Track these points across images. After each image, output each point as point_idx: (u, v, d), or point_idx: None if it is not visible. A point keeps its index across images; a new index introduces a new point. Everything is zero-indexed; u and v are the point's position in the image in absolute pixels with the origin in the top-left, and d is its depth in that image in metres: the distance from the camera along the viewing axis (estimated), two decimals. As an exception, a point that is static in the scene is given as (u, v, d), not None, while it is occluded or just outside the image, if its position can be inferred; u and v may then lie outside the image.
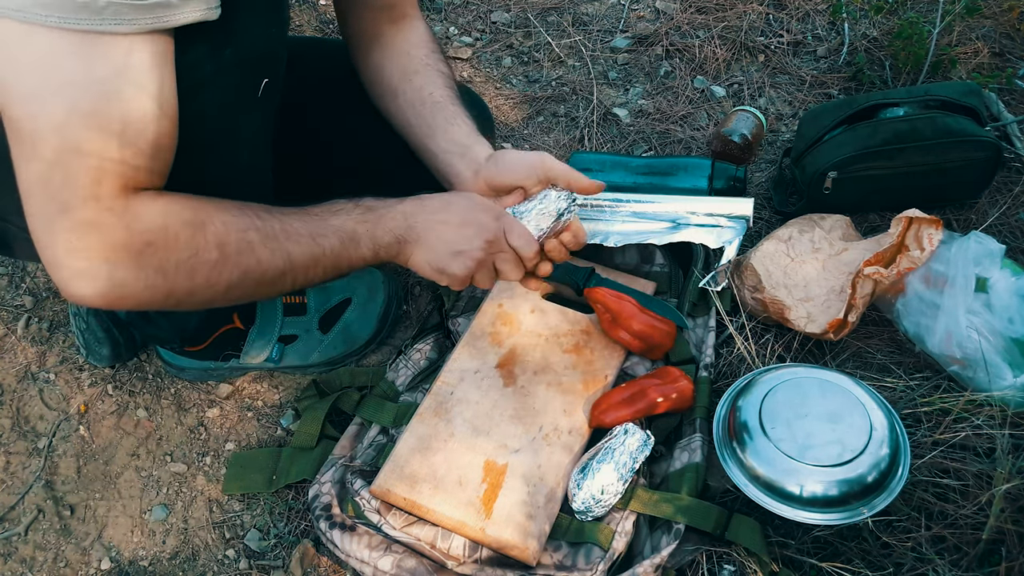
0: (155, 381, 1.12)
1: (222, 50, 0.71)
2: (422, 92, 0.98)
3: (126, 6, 0.60)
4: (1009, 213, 1.20)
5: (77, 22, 0.59)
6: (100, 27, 0.60)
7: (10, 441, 1.07)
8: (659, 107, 1.48)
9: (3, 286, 1.25)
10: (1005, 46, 1.53)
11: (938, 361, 1.00)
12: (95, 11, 0.59)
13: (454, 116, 0.96)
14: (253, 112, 0.80)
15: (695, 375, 0.98)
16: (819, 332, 1.01)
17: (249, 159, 0.85)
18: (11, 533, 0.98)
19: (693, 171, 1.24)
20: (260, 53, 0.77)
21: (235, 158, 0.82)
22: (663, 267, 1.12)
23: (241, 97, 0.78)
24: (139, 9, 0.61)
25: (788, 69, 1.54)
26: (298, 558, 0.92)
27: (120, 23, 0.60)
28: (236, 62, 0.73)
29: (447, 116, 0.96)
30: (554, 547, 0.85)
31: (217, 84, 0.73)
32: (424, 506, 0.86)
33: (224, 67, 0.72)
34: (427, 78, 0.99)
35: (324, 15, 1.74)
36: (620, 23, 1.68)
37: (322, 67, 1.12)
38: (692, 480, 0.87)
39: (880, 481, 0.83)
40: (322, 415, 1.00)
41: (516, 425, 0.93)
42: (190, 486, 1.02)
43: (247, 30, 0.73)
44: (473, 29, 1.71)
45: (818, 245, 1.10)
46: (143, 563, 0.96)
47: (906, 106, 1.17)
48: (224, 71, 0.73)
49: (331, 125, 1.10)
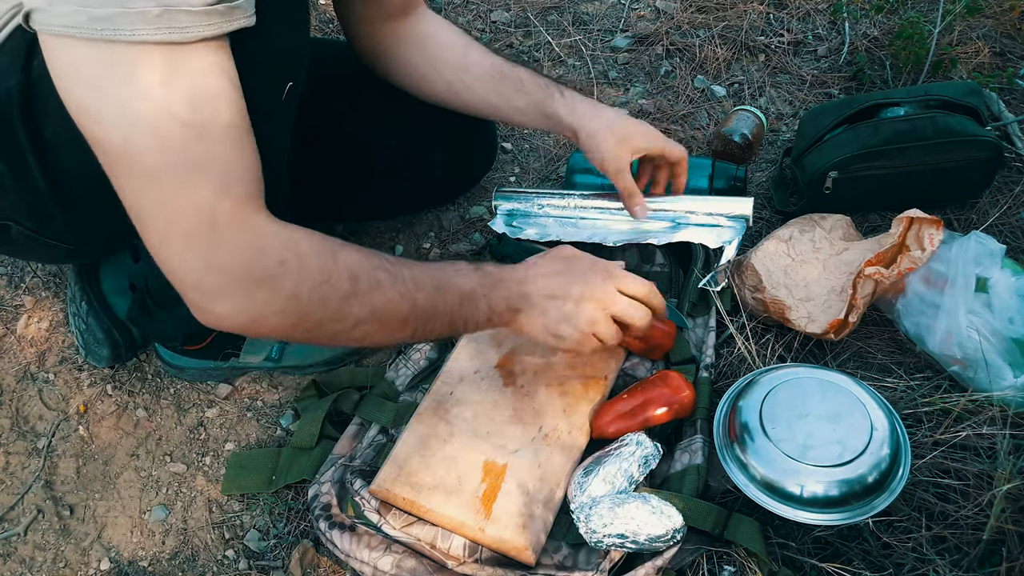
0: (155, 381, 1.12)
1: (253, 54, 0.70)
2: (483, 64, 1.02)
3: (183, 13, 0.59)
4: (1010, 213, 1.20)
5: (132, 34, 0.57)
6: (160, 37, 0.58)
7: (9, 441, 1.07)
8: (659, 107, 1.48)
9: (3, 286, 1.25)
10: (1006, 46, 1.52)
11: (939, 361, 1.00)
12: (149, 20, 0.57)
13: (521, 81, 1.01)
14: (276, 115, 0.80)
15: (695, 375, 0.98)
16: (820, 332, 1.01)
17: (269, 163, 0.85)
18: (10, 533, 0.98)
19: (693, 171, 1.24)
20: (286, 56, 0.77)
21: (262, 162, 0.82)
22: (663, 267, 1.11)
23: (267, 101, 0.77)
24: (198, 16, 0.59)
25: (789, 69, 1.53)
26: (298, 558, 0.91)
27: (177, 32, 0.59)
28: (265, 65, 0.73)
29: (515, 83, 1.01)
30: (554, 548, 0.85)
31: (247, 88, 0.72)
32: (424, 506, 0.86)
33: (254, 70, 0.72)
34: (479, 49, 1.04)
35: (324, 15, 1.74)
36: (620, 22, 1.68)
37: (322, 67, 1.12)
38: (693, 481, 0.87)
39: (881, 481, 0.83)
40: (322, 415, 1.00)
41: (516, 425, 0.93)
42: (190, 486, 1.02)
43: (275, 33, 0.73)
44: (473, 28, 1.71)
45: (819, 245, 1.10)
46: (143, 563, 0.96)
47: (907, 106, 1.17)
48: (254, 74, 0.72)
49: (331, 125, 1.10)
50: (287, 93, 0.78)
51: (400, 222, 1.31)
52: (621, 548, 0.81)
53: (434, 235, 1.30)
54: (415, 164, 1.06)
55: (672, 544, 0.81)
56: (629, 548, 0.81)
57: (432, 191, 1.27)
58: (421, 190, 1.25)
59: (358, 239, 1.29)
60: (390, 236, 1.30)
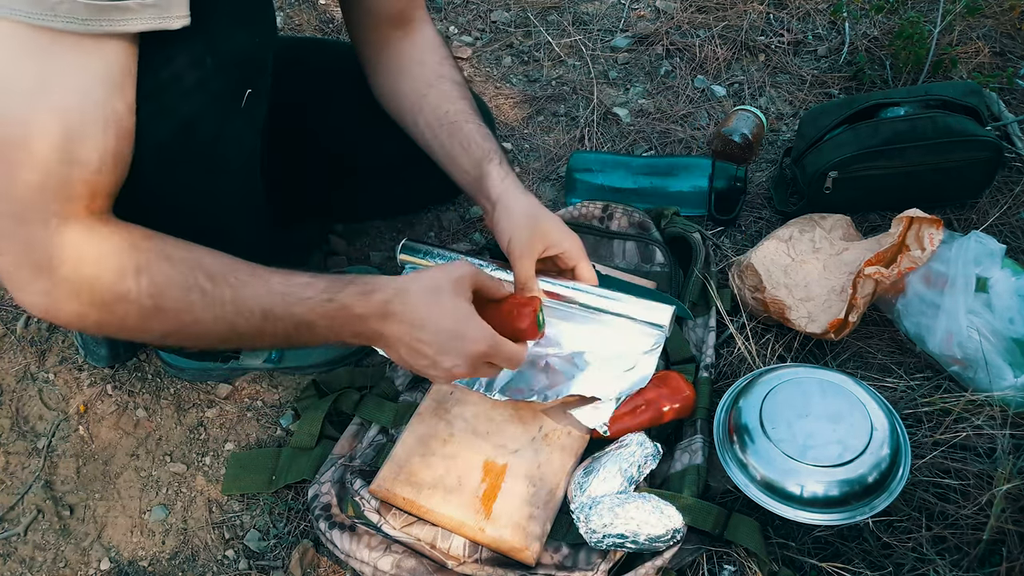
0: (154, 381, 1.12)
1: (203, 59, 0.70)
2: (438, 111, 0.98)
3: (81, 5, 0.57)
4: (1010, 213, 1.20)
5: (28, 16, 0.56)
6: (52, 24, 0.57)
7: (9, 441, 1.07)
8: (659, 107, 1.48)
9: (2, 286, 1.25)
10: (1006, 46, 1.52)
11: (939, 361, 1.00)
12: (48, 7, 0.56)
13: (468, 139, 0.96)
14: (238, 122, 0.79)
15: (695, 375, 0.98)
16: (820, 332, 1.01)
17: (237, 169, 0.84)
18: (10, 533, 0.98)
19: (694, 171, 1.24)
20: (242, 61, 0.76)
21: (223, 168, 0.81)
22: (663, 267, 1.11)
23: (225, 107, 0.76)
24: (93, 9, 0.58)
25: (789, 68, 1.53)
26: (298, 558, 0.91)
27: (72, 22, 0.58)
28: (217, 70, 0.72)
29: (462, 140, 0.96)
30: (554, 548, 0.85)
31: (201, 93, 0.71)
32: (424, 506, 0.86)
33: (207, 76, 0.71)
34: (441, 93, 0.99)
35: (324, 15, 1.74)
36: (620, 22, 1.68)
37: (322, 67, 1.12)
38: (693, 482, 0.87)
39: (881, 481, 0.83)
40: (322, 415, 1.00)
41: (516, 425, 0.93)
42: (190, 486, 1.02)
43: (228, 38, 0.72)
44: (473, 28, 1.71)
45: (819, 245, 1.10)
46: (142, 563, 0.96)
47: (907, 106, 1.17)
48: (207, 80, 0.71)
49: (331, 125, 1.10)
50: (247, 99, 0.77)
51: (400, 222, 1.31)
52: (621, 548, 0.81)
53: (434, 235, 1.30)
54: (415, 164, 1.06)
55: (672, 544, 0.81)
56: (629, 548, 0.81)
57: (432, 191, 1.27)
58: (421, 191, 1.25)
59: (358, 239, 1.29)
60: (390, 236, 1.30)
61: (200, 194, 0.79)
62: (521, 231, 0.90)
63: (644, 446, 0.88)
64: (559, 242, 0.92)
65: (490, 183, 0.93)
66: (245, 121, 0.80)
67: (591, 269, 0.95)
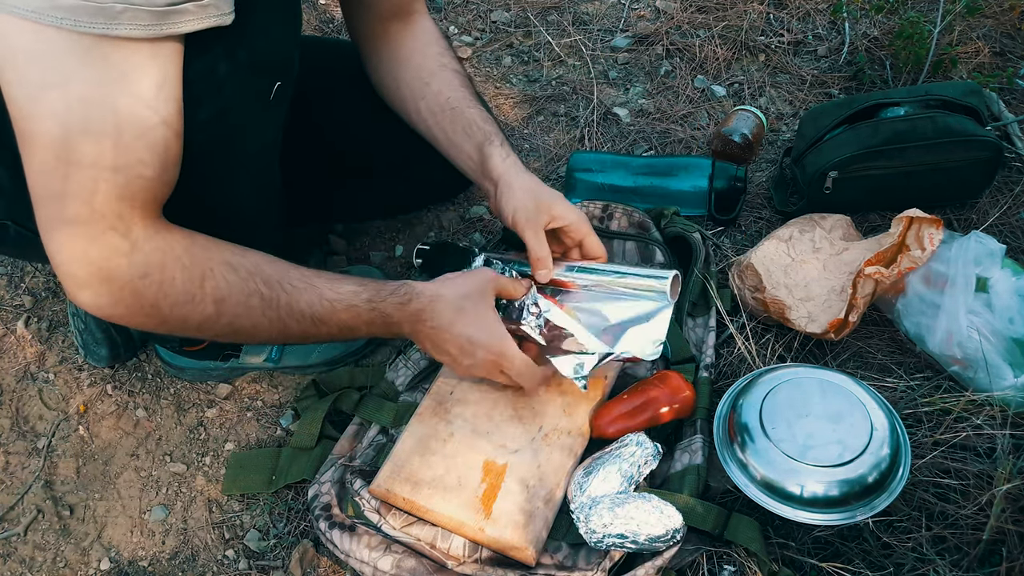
0: (154, 381, 1.12)
1: (236, 52, 0.70)
2: (439, 98, 0.99)
3: (144, 12, 0.59)
4: (1010, 213, 1.20)
5: (91, 26, 0.58)
6: (115, 31, 0.59)
7: (9, 441, 1.07)
8: (659, 107, 1.48)
9: (3, 286, 1.25)
10: (1006, 45, 1.52)
11: (939, 361, 1.00)
12: (111, 16, 0.58)
13: (470, 123, 0.97)
14: (264, 116, 0.80)
15: (695, 375, 0.98)
16: (820, 332, 1.01)
17: (259, 163, 0.85)
18: (10, 533, 0.98)
19: (694, 171, 1.24)
20: (274, 55, 0.77)
21: (246, 161, 0.82)
22: (663, 267, 1.11)
23: (254, 100, 0.77)
24: (155, 15, 0.60)
25: (789, 68, 1.53)
26: (298, 558, 0.91)
27: (135, 28, 0.60)
28: (250, 64, 0.73)
29: (464, 125, 0.97)
30: (554, 548, 0.85)
31: (232, 87, 0.72)
32: (423, 506, 0.86)
33: (238, 70, 0.72)
34: (443, 80, 1.00)
35: (324, 15, 1.74)
36: (620, 22, 1.68)
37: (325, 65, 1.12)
38: (693, 482, 0.87)
39: (881, 481, 0.83)
40: (322, 415, 1.00)
41: (516, 425, 0.93)
42: (190, 486, 1.02)
43: (262, 32, 0.73)
44: (473, 28, 1.71)
45: (819, 245, 1.10)
46: (142, 563, 0.96)
47: (907, 106, 1.17)
48: (238, 74, 0.72)
49: (332, 124, 1.10)
50: (275, 93, 0.78)
51: (400, 222, 1.31)
52: (621, 548, 0.81)
53: (434, 235, 1.30)
54: (415, 164, 1.06)
55: (672, 544, 0.81)
56: (629, 548, 0.81)
57: (432, 191, 1.27)
58: (421, 190, 1.25)
59: (358, 239, 1.29)
60: (390, 236, 1.30)
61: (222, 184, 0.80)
62: (525, 204, 0.91)
63: (644, 446, 0.88)
64: (564, 214, 0.93)
65: (492, 164, 0.94)
66: (270, 115, 0.81)
67: (599, 241, 0.96)
